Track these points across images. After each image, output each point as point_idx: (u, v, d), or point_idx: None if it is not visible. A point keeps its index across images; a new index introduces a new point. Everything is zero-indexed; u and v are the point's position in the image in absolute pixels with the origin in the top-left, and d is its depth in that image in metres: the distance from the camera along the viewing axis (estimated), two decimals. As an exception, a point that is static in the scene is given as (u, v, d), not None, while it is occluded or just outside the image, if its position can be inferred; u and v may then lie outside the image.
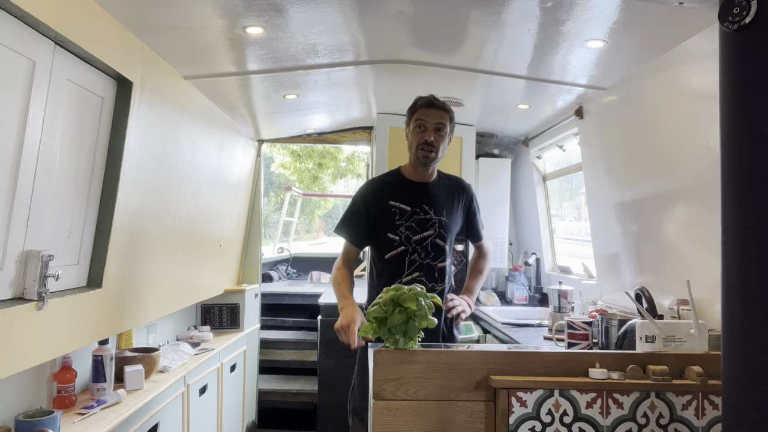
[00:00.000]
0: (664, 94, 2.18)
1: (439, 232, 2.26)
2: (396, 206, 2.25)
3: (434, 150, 2.21)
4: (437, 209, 2.27)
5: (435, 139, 2.20)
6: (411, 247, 2.23)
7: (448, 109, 2.25)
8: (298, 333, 4.60)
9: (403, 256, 2.23)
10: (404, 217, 2.24)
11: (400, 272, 2.23)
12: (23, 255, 1.60)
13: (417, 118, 2.23)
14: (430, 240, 2.25)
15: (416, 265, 2.23)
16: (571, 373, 1.54)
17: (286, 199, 7.74)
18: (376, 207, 2.27)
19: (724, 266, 1.20)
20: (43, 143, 1.62)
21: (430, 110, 2.22)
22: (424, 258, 2.24)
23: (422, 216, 2.25)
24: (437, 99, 2.25)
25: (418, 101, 2.26)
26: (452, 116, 2.27)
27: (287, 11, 1.91)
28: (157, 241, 2.50)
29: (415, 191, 2.28)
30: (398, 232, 2.23)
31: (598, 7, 1.79)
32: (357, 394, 2.29)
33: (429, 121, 2.20)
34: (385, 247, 2.25)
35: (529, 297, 3.94)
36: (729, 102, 1.20)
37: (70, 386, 2.11)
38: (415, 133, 2.23)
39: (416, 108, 2.25)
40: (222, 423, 3.24)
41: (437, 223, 2.26)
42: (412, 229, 2.24)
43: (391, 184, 2.32)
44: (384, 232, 2.24)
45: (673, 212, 2.19)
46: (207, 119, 2.93)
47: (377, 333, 1.55)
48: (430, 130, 2.20)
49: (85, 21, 1.70)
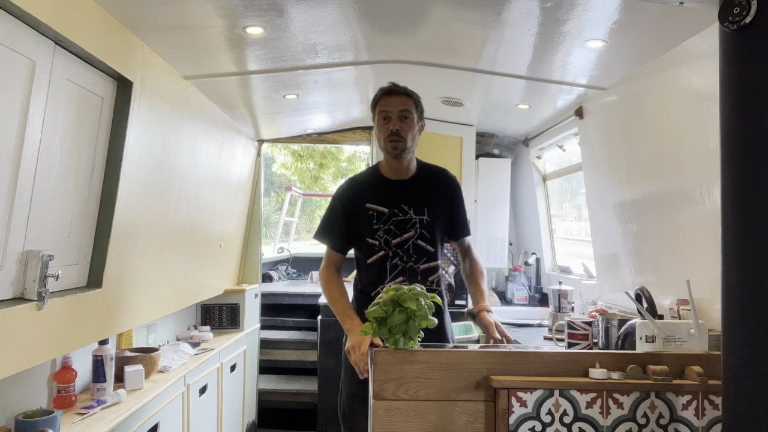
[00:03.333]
0: (664, 94, 2.18)
1: (420, 232, 2.11)
2: (373, 209, 2.11)
3: (402, 139, 2.06)
4: (417, 208, 2.12)
5: (401, 127, 2.05)
6: (391, 251, 2.09)
7: (411, 94, 2.11)
8: (298, 333, 4.60)
9: (384, 261, 2.10)
10: (382, 220, 2.10)
11: (383, 278, 2.10)
12: (23, 255, 1.60)
13: (380, 110, 2.09)
14: (411, 242, 2.10)
15: (399, 269, 2.10)
16: (571, 373, 1.54)
17: (286, 199, 7.74)
18: (353, 210, 2.13)
19: (724, 266, 1.20)
20: (43, 143, 1.62)
21: (391, 98, 2.08)
22: (406, 261, 2.10)
23: (401, 217, 2.11)
24: (398, 85, 2.11)
25: (378, 92, 2.12)
26: (417, 100, 2.12)
27: (287, 11, 1.91)
28: (157, 241, 2.50)
29: (392, 191, 2.14)
30: (377, 237, 2.10)
31: (598, 7, 1.79)
32: (345, 400, 2.15)
33: (392, 110, 2.06)
34: (366, 252, 2.13)
35: (529, 297, 3.94)
36: (729, 102, 1.20)
37: (70, 386, 2.11)
38: (380, 125, 2.09)
39: (377, 99, 2.11)
40: (222, 423, 3.24)
41: (418, 223, 2.12)
42: (391, 232, 2.10)
43: (368, 184, 2.18)
44: (364, 236, 2.12)
45: (673, 212, 2.19)
46: (207, 119, 2.93)
47: (377, 333, 1.55)
48: (395, 119, 2.06)
49: (85, 21, 1.70)
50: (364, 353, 1.81)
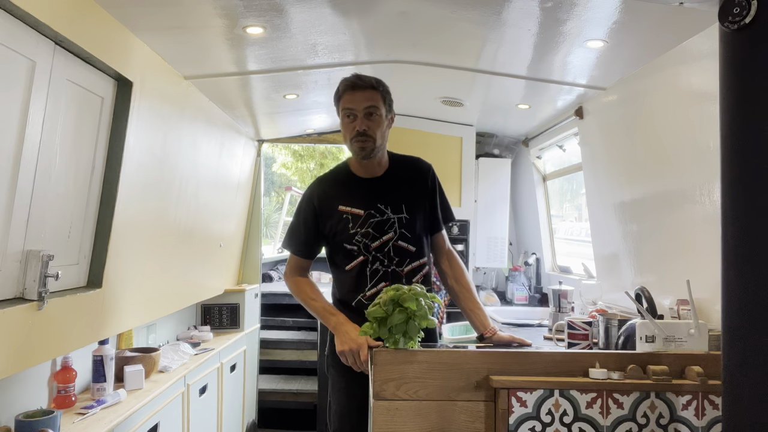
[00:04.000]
0: (664, 94, 2.18)
1: (400, 232, 1.95)
2: (347, 212, 1.94)
3: (370, 139, 1.88)
4: (395, 206, 1.95)
5: (368, 126, 1.87)
6: (371, 255, 1.93)
7: (377, 86, 1.90)
8: (298, 333, 4.59)
9: (364, 267, 1.93)
10: (358, 224, 1.93)
11: (363, 285, 1.93)
12: (23, 255, 1.60)
13: (343, 107, 1.90)
14: (391, 244, 1.94)
15: (380, 274, 1.93)
16: (571, 373, 1.54)
17: (286, 199, 7.74)
18: (325, 213, 1.96)
19: (724, 266, 1.20)
20: (43, 143, 1.62)
21: (355, 94, 1.87)
22: (387, 265, 1.94)
23: (378, 218, 1.94)
24: (362, 77, 1.89)
25: (341, 85, 1.91)
26: (385, 92, 1.92)
27: (287, 11, 1.91)
28: (157, 241, 2.50)
29: (365, 190, 1.97)
30: (354, 242, 1.93)
31: (598, 7, 1.79)
32: (334, 413, 1.99)
33: (357, 107, 1.87)
34: (344, 258, 1.96)
35: (529, 297, 3.95)
36: (729, 102, 1.20)
37: (70, 386, 2.11)
38: (345, 124, 1.91)
39: (340, 94, 1.91)
40: (222, 423, 3.24)
41: (396, 222, 1.95)
42: (369, 235, 1.93)
43: (339, 184, 2.00)
44: (339, 241, 1.95)
45: (673, 212, 2.19)
46: (207, 119, 2.93)
47: (377, 333, 1.55)
48: (360, 117, 1.87)
49: (85, 21, 1.70)
50: (364, 360, 1.72)
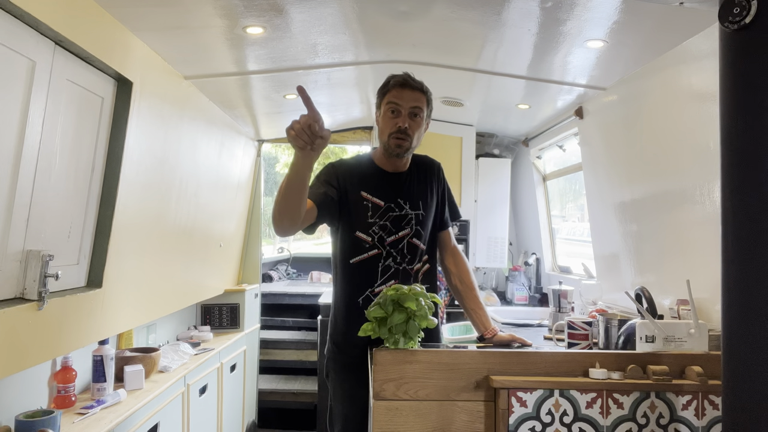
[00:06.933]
0: (664, 94, 2.18)
1: (416, 229, 1.92)
2: (368, 199, 1.89)
3: (408, 138, 1.86)
4: (413, 202, 1.94)
5: (410, 125, 1.86)
6: (385, 250, 1.88)
7: (425, 90, 1.90)
8: (298, 333, 4.60)
9: (376, 262, 1.87)
10: (377, 214, 1.88)
11: (372, 280, 1.88)
12: (23, 255, 1.60)
13: (389, 101, 1.88)
14: (406, 240, 1.91)
15: (391, 271, 1.89)
16: (571, 373, 1.54)
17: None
18: (348, 190, 1.89)
19: (724, 266, 1.20)
20: (43, 143, 1.62)
21: (404, 91, 1.87)
22: (399, 263, 1.90)
23: (397, 212, 1.91)
24: (413, 78, 1.89)
25: (390, 80, 1.90)
26: (429, 98, 1.92)
27: (287, 11, 1.91)
28: (157, 241, 2.50)
29: (388, 182, 1.94)
30: (371, 232, 1.87)
31: (598, 7, 1.79)
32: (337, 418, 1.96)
33: (403, 105, 1.86)
34: (352, 249, 1.89)
35: (529, 297, 3.94)
36: (729, 102, 1.20)
37: (70, 386, 2.11)
38: (387, 118, 1.88)
39: (388, 88, 1.90)
40: (222, 423, 3.24)
41: (414, 219, 1.93)
42: (386, 228, 1.88)
43: (362, 171, 1.95)
44: (352, 229, 1.88)
45: (673, 212, 2.19)
46: (207, 119, 2.93)
47: (377, 333, 1.55)
48: (405, 115, 1.86)
49: (85, 21, 1.70)
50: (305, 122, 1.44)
